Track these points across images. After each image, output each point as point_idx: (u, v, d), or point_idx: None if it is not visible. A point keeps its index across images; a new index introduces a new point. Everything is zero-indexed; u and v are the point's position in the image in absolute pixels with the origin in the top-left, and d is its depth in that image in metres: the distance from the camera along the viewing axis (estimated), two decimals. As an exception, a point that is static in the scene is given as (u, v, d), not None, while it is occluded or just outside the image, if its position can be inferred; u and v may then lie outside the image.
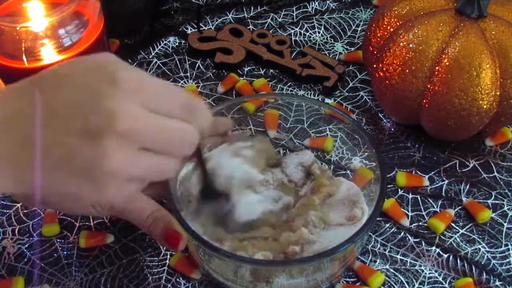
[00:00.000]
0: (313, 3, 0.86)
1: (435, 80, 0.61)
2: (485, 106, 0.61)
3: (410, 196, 0.64)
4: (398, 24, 0.65)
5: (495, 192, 0.64)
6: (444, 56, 0.61)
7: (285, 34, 0.82)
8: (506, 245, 0.60)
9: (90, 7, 0.63)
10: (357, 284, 0.57)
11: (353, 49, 0.80)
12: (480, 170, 0.66)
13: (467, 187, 0.65)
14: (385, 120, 0.71)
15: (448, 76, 0.60)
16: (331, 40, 0.81)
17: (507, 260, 0.59)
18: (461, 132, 0.64)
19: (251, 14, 0.85)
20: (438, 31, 0.62)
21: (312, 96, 0.74)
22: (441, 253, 0.59)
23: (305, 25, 0.83)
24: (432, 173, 0.66)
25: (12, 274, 0.56)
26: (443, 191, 0.64)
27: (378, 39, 0.67)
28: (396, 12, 0.66)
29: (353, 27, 0.83)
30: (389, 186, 0.64)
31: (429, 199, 0.63)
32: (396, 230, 0.61)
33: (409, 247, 0.60)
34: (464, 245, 0.60)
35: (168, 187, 0.51)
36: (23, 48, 0.59)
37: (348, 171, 0.62)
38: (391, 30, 0.65)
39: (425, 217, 0.62)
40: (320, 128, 0.63)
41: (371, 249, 0.59)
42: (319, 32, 0.82)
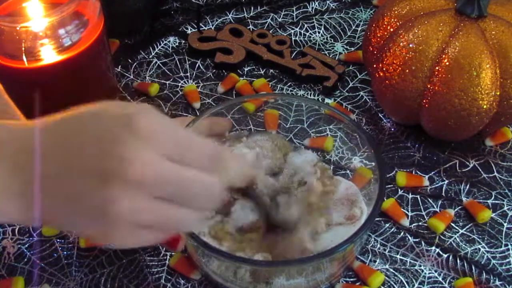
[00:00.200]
0: (313, 3, 0.86)
1: (435, 80, 0.61)
2: (485, 106, 0.61)
3: (410, 196, 0.64)
4: (398, 24, 0.65)
5: (495, 192, 0.64)
6: (444, 56, 0.61)
7: (285, 34, 0.82)
8: (506, 245, 0.60)
9: (90, 7, 0.63)
10: (357, 284, 0.57)
11: (353, 49, 0.80)
12: (480, 170, 0.66)
13: (467, 187, 0.65)
14: (385, 120, 0.71)
15: (448, 76, 0.60)
16: (331, 40, 0.81)
17: (507, 260, 0.59)
18: (461, 132, 0.64)
19: (251, 14, 0.85)
20: (438, 31, 0.62)
21: (312, 96, 0.74)
22: (441, 253, 0.59)
23: (305, 25, 0.83)
24: (432, 173, 0.66)
25: (12, 274, 0.56)
26: (443, 191, 0.64)
27: (378, 39, 0.67)
28: (396, 12, 0.66)
29: (353, 27, 0.83)
30: (389, 186, 0.64)
31: (429, 199, 0.63)
32: (396, 230, 0.61)
33: (409, 247, 0.60)
34: (464, 245, 0.60)
35: None
36: (23, 48, 0.59)
37: (348, 171, 0.62)
38: (391, 30, 0.65)
39: (425, 217, 0.62)
40: (320, 128, 0.63)
41: (371, 249, 0.59)
42: (319, 32, 0.82)
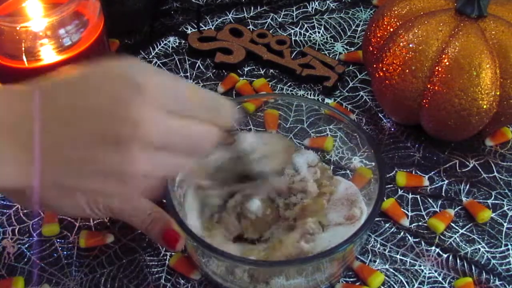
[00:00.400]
0: (313, 3, 0.86)
1: (435, 80, 0.61)
2: (485, 106, 0.61)
3: (410, 196, 0.64)
4: (398, 24, 0.65)
5: (495, 192, 0.64)
6: (444, 56, 0.61)
7: (285, 34, 0.82)
8: (506, 245, 0.60)
9: (90, 7, 0.63)
10: (357, 284, 0.57)
11: (353, 49, 0.80)
12: (480, 170, 0.66)
13: (467, 187, 0.65)
14: (385, 120, 0.71)
15: (448, 76, 0.60)
16: (331, 40, 0.81)
17: (507, 260, 0.59)
18: (461, 132, 0.64)
19: (251, 14, 0.85)
20: (438, 31, 0.62)
21: (312, 96, 0.74)
22: (440, 253, 0.59)
23: (305, 25, 0.83)
24: (432, 173, 0.66)
25: (12, 274, 0.56)
26: (443, 191, 0.64)
27: (378, 39, 0.67)
28: (396, 12, 0.66)
29: (353, 27, 0.83)
30: (389, 186, 0.64)
31: (429, 199, 0.63)
32: (395, 230, 0.61)
33: (408, 247, 0.60)
34: (464, 245, 0.60)
35: (167, 187, 0.51)
36: (23, 48, 0.59)
37: (348, 171, 0.62)
38: (391, 30, 0.65)
39: (425, 217, 0.62)
40: (320, 128, 0.63)
41: (370, 249, 0.59)
42: (319, 32, 0.82)
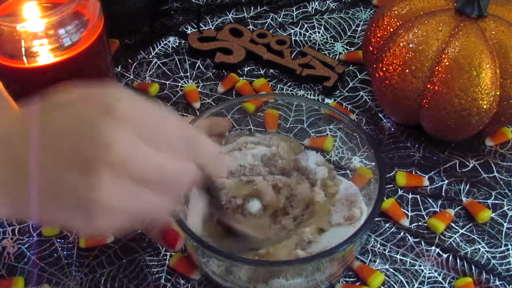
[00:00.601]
0: (313, 3, 0.86)
1: (435, 80, 0.61)
2: (485, 106, 0.61)
3: (410, 196, 0.64)
4: (398, 24, 0.65)
5: (495, 192, 0.64)
6: (444, 56, 0.61)
7: (285, 34, 0.82)
8: (506, 245, 0.60)
9: (90, 7, 0.63)
10: (357, 284, 0.57)
11: (353, 49, 0.80)
12: (480, 170, 0.66)
13: (467, 187, 0.65)
14: (385, 120, 0.71)
15: (448, 76, 0.60)
16: (331, 40, 0.81)
17: (507, 260, 0.59)
18: (461, 132, 0.64)
19: (251, 14, 0.85)
20: (438, 31, 0.62)
21: (312, 96, 0.74)
22: (440, 253, 0.59)
23: (305, 25, 0.83)
24: (432, 173, 0.66)
25: (12, 274, 0.56)
26: (443, 191, 0.64)
27: (378, 39, 0.67)
28: (396, 12, 0.66)
29: (353, 27, 0.83)
30: (389, 186, 0.64)
31: (429, 199, 0.63)
32: (395, 230, 0.61)
33: (408, 247, 0.60)
34: (464, 245, 0.60)
35: None
36: (23, 48, 0.59)
37: (348, 171, 0.62)
38: (391, 30, 0.65)
39: (425, 217, 0.62)
40: (320, 128, 0.63)
41: (370, 249, 0.59)
42: (319, 32, 0.82)
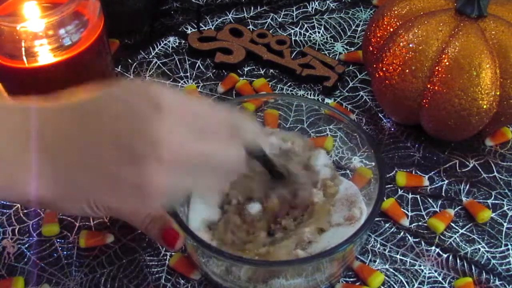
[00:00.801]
0: (313, 3, 0.86)
1: (435, 80, 0.61)
2: (485, 106, 0.61)
3: (410, 196, 0.64)
4: (398, 24, 0.65)
5: (495, 192, 0.64)
6: (444, 56, 0.61)
7: (285, 34, 0.82)
8: (506, 245, 0.60)
9: (90, 7, 0.63)
10: (357, 284, 0.57)
11: (353, 49, 0.80)
12: (480, 170, 0.66)
13: (467, 187, 0.65)
14: (385, 120, 0.71)
15: (448, 76, 0.60)
16: (331, 40, 0.81)
17: (507, 260, 0.59)
18: (461, 132, 0.64)
19: (251, 14, 0.85)
20: (438, 31, 0.62)
21: (312, 96, 0.74)
22: (440, 253, 0.59)
23: (305, 25, 0.83)
24: (432, 173, 0.66)
25: (12, 274, 0.56)
26: (443, 191, 0.64)
27: (378, 39, 0.67)
28: (396, 12, 0.66)
29: (353, 27, 0.83)
30: (389, 186, 0.64)
31: (429, 199, 0.63)
32: (395, 230, 0.61)
33: (408, 247, 0.60)
34: (464, 245, 0.60)
35: None
36: (23, 48, 0.59)
37: (348, 171, 0.62)
38: (391, 30, 0.65)
39: (425, 217, 0.62)
40: (320, 128, 0.63)
41: (370, 249, 0.59)
42: (319, 32, 0.82)
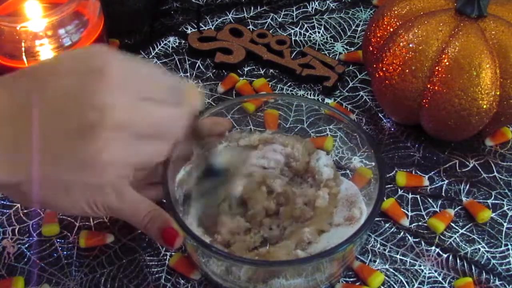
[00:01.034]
0: (313, 3, 0.86)
1: (435, 80, 0.61)
2: (485, 106, 0.61)
3: (410, 196, 0.64)
4: (398, 24, 0.65)
5: (495, 192, 0.64)
6: (444, 56, 0.61)
7: (285, 34, 0.82)
8: (506, 245, 0.60)
9: (90, 7, 0.63)
10: (357, 284, 0.57)
11: (353, 49, 0.80)
12: (480, 170, 0.66)
13: (467, 187, 0.65)
14: (385, 120, 0.71)
15: (448, 76, 0.60)
16: (331, 40, 0.81)
17: (507, 260, 0.59)
18: (461, 132, 0.64)
19: (251, 14, 0.85)
20: (438, 31, 0.62)
21: (312, 96, 0.74)
22: (440, 253, 0.59)
23: (305, 25, 0.83)
24: (432, 173, 0.66)
25: (12, 274, 0.56)
26: (443, 191, 0.64)
27: (378, 39, 0.67)
28: (396, 12, 0.66)
29: (353, 27, 0.83)
30: (389, 186, 0.64)
31: (429, 199, 0.63)
32: (395, 230, 0.61)
33: (408, 247, 0.60)
34: (464, 245, 0.60)
35: (166, 187, 0.51)
36: (23, 48, 0.59)
37: (348, 171, 0.62)
38: (391, 30, 0.65)
39: (425, 217, 0.62)
40: (320, 128, 0.63)
41: (370, 249, 0.59)
42: (319, 32, 0.82)
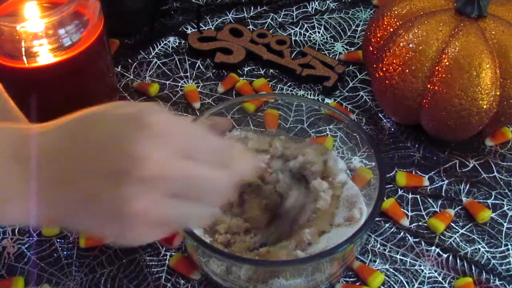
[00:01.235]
0: (313, 3, 0.86)
1: (435, 80, 0.61)
2: (485, 106, 0.61)
3: (410, 196, 0.64)
4: (398, 24, 0.65)
5: (495, 192, 0.64)
6: (444, 56, 0.61)
7: (285, 34, 0.82)
8: (506, 245, 0.60)
9: (90, 7, 0.63)
10: (357, 284, 0.57)
11: (353, 49, 0.80)
12: (480, 170, 0.66)
13: (467, 187, 0.65)
14: (385, 120, 0.71)
15: (448, 76, 0.60)
16: (331, 40, 0.81)
17: (507, 260, 0.59)
18: (461, 132, 0.64)
19: (251, 14, 0.85)
20: (438, 31, 0.62)
21: (312, 96, 0.74)
22: (441, 253, 0.59)
23: (305, 25, 0.83)
24: (432, 173, 0.66)
25: (12, 274, 0.56)
26: (443, 191, 0.64)
27: (378, 39, 0.67)
28: (396, 12, 0.66)
29: (353, 27, 0.83)
30: (389, 186, 0.64)
31: (429, 199, 0.63)
32: (395, 230, 0.61)
33: (408, 247, 0.60)
34: (464, 245, 0.60)
35: None
36: (23, 48, 0.59)
37: (348, 171, 0.62)
38: (391, 30, 0.65)
39: (425, 217, 0.62)
40: (320, 128, 0.63)
41: (370, 249, 0.59)
42: (319, 32, 0.82)
